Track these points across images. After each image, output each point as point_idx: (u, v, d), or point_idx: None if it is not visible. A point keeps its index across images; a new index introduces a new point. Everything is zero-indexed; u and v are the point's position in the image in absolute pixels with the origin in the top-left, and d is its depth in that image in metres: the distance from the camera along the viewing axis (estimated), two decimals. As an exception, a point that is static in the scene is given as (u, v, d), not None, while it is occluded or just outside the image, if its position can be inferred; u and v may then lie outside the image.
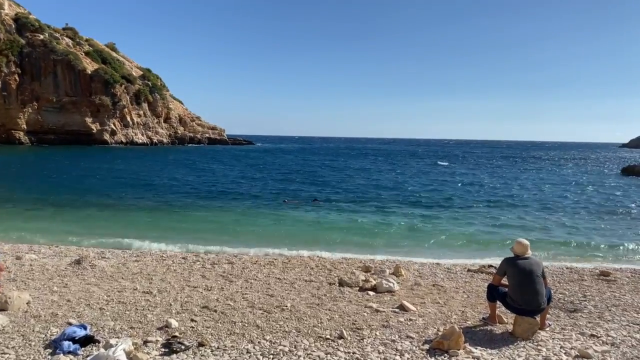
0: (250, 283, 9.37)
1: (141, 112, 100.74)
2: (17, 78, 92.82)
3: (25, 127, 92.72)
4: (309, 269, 10.83)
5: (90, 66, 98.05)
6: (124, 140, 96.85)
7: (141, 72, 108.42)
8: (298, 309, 7.61)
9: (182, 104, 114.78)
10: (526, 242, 6.84)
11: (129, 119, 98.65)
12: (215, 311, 7.37)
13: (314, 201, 24.17)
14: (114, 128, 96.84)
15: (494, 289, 7.02)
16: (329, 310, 7.62)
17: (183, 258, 11.63)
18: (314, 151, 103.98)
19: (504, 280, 6.94)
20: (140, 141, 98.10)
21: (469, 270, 11.32)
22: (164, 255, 11.85)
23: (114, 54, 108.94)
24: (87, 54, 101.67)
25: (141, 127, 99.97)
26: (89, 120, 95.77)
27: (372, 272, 10.62)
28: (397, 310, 7.69)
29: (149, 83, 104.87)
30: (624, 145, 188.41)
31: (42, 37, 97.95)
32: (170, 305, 7.63)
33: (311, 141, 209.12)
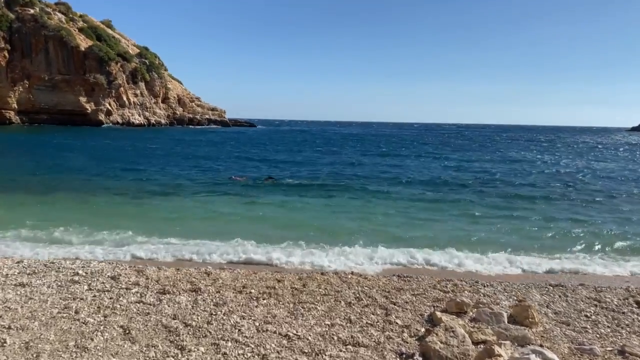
0: (224, 354, 4.19)
1: (138, 92, 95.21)
2: (6, 55, 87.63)
3: (16, 106, 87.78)
4: (343, 305, 5.62)
5: (84, 43, 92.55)
6: (120, 120, 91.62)
7: (138, 50, 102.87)
8: None
9: (181, 84, 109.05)
10: None
11: (125, 98, 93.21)
12: None
13: (267, 179, 19.64)
14: (110, 108, 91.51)
15: None
16: None
17: (112, 278, 6.42)
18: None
19: None
20: (137, 122, 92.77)
21: (638, 302, 6.10)
22: (81, 272, 6.63)
23: (110, 31, 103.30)
24: (80, 30, 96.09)
25: (138, 107, 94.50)
26: (83, 99, 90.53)
27: (473, 314, 5.40)
28: None
29: (146, 61, 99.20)
30: (633, 129, 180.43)
31: (32, 11, 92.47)
32: None
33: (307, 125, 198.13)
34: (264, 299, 5.72)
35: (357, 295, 6.00)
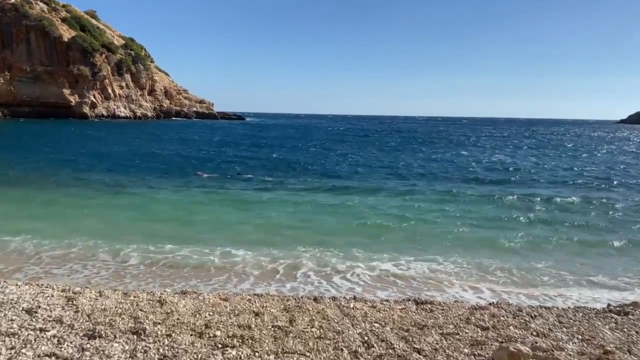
0: None
1: (123, 84, 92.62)
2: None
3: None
4: (346, 356, 3.93)
5: (67, 33, 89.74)
6: (105, 113, 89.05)
7: (123, 42, 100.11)
8: None
9: (168, 76, 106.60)
10: None
11: (110, 90, 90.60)
12: None
13: (238, 175, 19.37)
14: (94, 100, 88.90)
15: None
16: None
17: (27, 311, 4.65)
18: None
19: None
20: (123, 114, 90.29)
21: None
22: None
23: (94, 22, 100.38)
24: (63, 20, 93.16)
25: (123, 99, 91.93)
26: (66, 91, 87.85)
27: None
28: None
29: (132, 53, 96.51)
30: (622, 122, 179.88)
31: (13, 0, 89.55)
32: None
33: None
34: (232, 347, 4.00)
35: (365, 337, 4.31)
